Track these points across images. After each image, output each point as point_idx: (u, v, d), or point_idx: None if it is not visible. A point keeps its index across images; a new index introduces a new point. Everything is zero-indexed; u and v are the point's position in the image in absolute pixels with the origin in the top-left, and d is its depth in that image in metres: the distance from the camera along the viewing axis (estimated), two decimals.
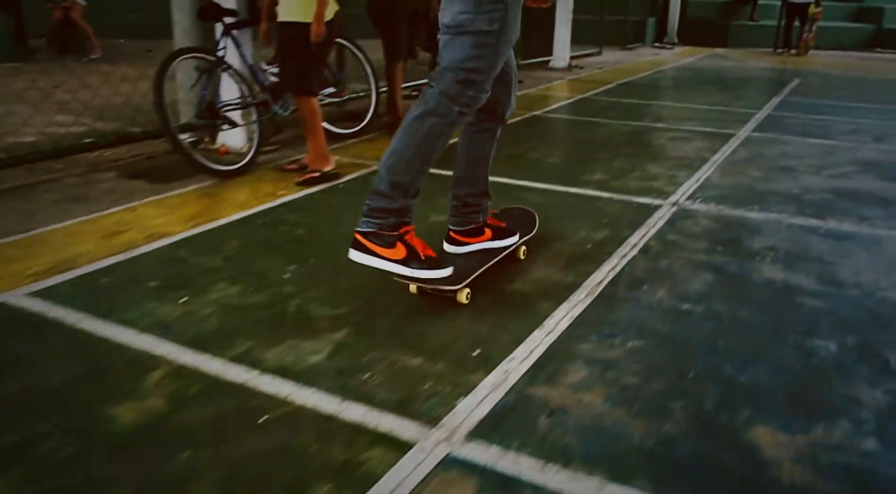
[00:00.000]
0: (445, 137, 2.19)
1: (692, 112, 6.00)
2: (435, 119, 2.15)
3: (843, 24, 13.55)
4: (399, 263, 2.16)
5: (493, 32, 2.09)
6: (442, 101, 2.13)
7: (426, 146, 2.18)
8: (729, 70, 9.27)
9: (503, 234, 2.57)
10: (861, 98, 7.04)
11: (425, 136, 2.17)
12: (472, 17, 2.07)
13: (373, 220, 2.18)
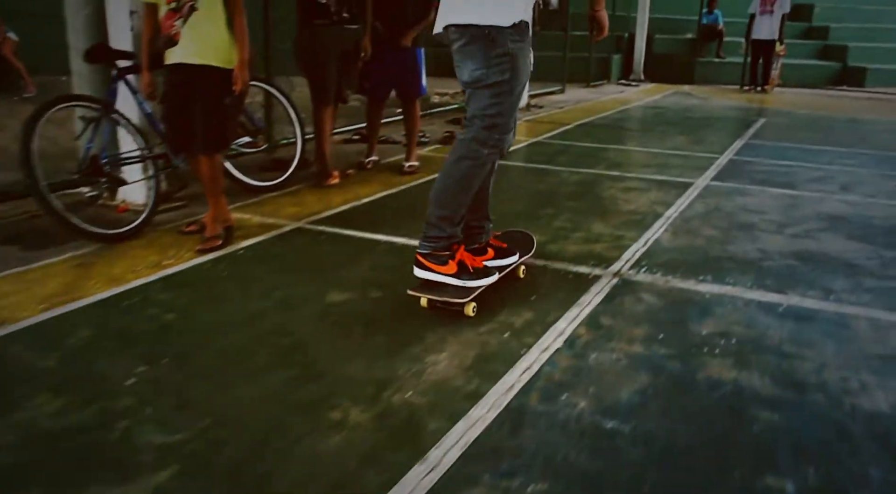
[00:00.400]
0: (479, 176, 2.58)
1: (651, 157, 5.65)
2: (469, 162, 2.53)
3: (808, 62, 13.46)
4: (453, 277, 2.53)
5: (506, 81, 2.45)
6: (473, 146, 2.52)
7: (463, 185, 2.55)
8: (693, 109, 9.01)
9: (504, 254, 2.82)
10: (827, 140, 6.75)
11: (462, 177, 2.54)
12: (485, 71, 2.43)
13: (429, 244, 2.58)
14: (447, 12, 2.51)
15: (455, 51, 2.51)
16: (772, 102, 10.26)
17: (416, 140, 5.13)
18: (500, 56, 2.40)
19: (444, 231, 2.56)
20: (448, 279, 2.53)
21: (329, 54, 4.39)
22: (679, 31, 13.59)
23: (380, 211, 3.97)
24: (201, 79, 3.22)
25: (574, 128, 7.02)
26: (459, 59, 2.50)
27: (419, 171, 4.89)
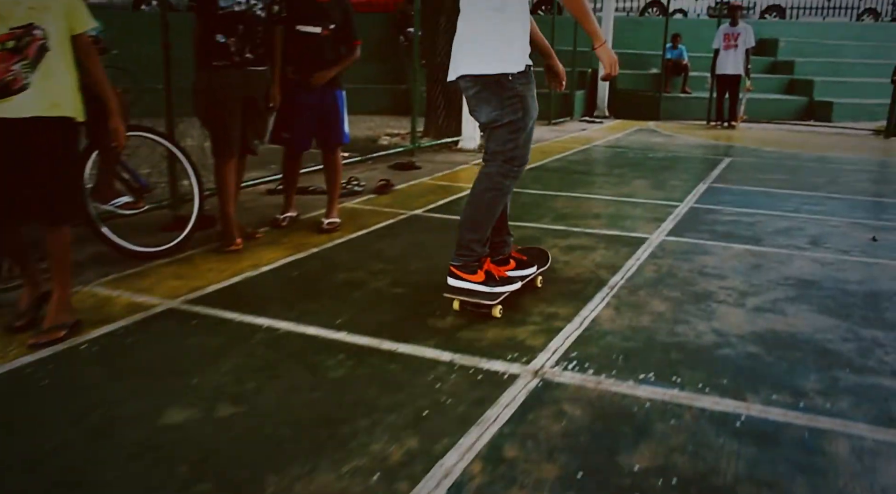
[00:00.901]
0: (503, 202, 2.96)
1: (603, 206, 5.13)
2: (493, 192, 2.89)
3: (775, 97, 13.20)
4: (482, 284, 2.86)
5: (519, 119, 2.81)
6: (496, 179, 2.88)
7: (490, 212, 2.91)
8: (657, 148, 8.58)
9: (524, 265, 3.15)
10: (794, 183, 6.31)
11: (488, 206, 2.90)
12: (500, 113, 2.79)
13: (462, 258, 2.89)
14: (459, 64, 2.86)
15: (470, 97, 2.88)
16: (738, 139, 9.89)
17: (338, 193, 4.57)
18: (511, 98, 2.79)
19: (474, 251, 2.92)
20: (477, 286, 2.88)
21: (230, 100, 3.83)
22: (643, 66, 13.29)
23: (277, 284, 3.38)
24: (48, 134, 2.66)
25: (526, 173, 6.51)
26: (475, 104, 2.87)
27: (340, 229, 4.32)
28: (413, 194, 5.49)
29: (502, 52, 2.76)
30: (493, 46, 2.77)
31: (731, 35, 11.03)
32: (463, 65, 2.85)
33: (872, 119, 12.81)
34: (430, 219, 4.75)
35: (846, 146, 9.50)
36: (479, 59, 2.78)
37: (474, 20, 2.81)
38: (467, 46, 2.84)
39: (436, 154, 7.57)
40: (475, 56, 2.80)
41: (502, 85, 2.76)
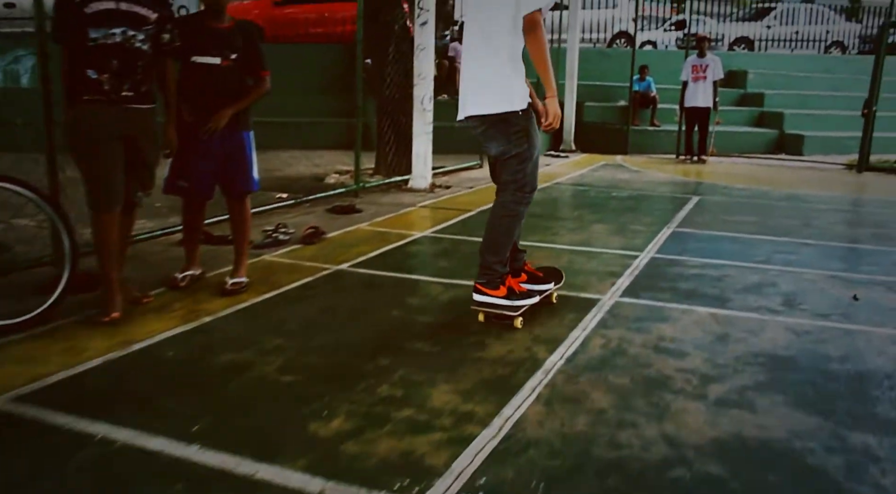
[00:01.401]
0: (519, 225, 3.35)
1: (555, 258, 4.59)
2: (509, 219, 3.28)
3: (745, 129, 12.89)
4: (504, 298, 3.22)
5: (525, 150, 3.16)
6: (511, 206, 3.25)
7: (508, 236, 3.30)
8: (622, 185, 8.11)
9: (538, 281, 3.47)
10: (765, 226, 5.84)
11: (506, 230, 3.28)
12: (507, 146, 3.16)
13: (485, 276, 3.25)
14: (466, 105, 3.18)
15: (479, 134, 3.21)
16: (708, 174, 9.47)
17: (247, 248, 3.98)
18: (517, 133, 3.11)
19: (496, 271, 3.23)
20: (501, 300, 3.20)
21: (104, 141, 3.24)
22: (610, 98, 12.94)
23: (141, 370, 2.77)
24: None
25: (475, 216, 5.98)
26: (484, 140, 3.23)
27: (247, 290, 3.73)
28: (344, 243, 4.91)
29: (507, 93, 3.10)
30: (499, 88, 3.11)
31: (699, 67, 10.70)
32: (471, 106, 3.19)
33: (843, 152, 12.53)
34: (354, 275, 4.16)
35: (818, 181, 9.12)
36: (486, 101, 3.13)
37: (478, 64, 3.17)
38: (474, 88, 3.18)
39: (383, 194, 7.01)
40: (482, 97, 3.14)
41: (508, 122, 3.12)
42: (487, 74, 3.11)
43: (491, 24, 3.09)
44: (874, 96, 10.43)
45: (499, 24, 3.07)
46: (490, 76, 3.10)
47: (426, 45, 7.01)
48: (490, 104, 3.11)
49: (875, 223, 6.10)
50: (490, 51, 3.09)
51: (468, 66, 3.22)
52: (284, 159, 9.61)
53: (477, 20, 3.17)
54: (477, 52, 3.16)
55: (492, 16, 3.10)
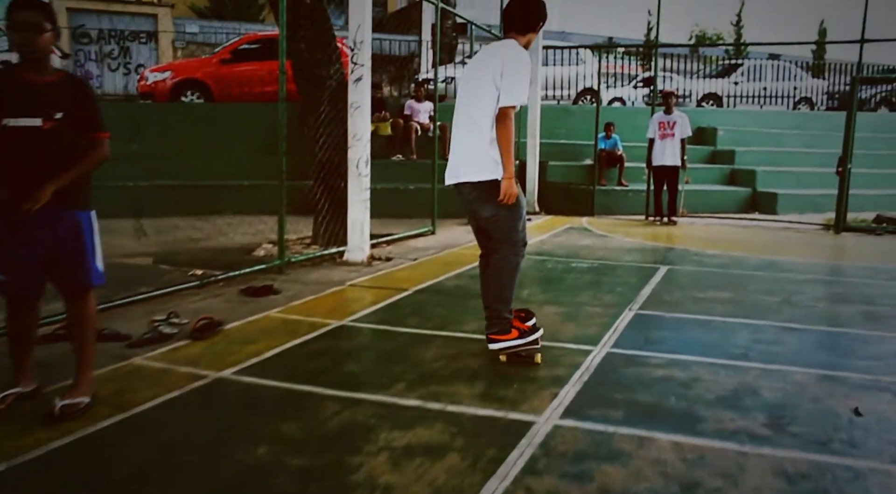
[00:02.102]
0: (517, 276, 3.71)
1: (490, 358, 3.78)
2: (509, 272, 3.66)
3: (716, 188, 12.35)
4: (517, 339, 3.62)
5: (513, 211, 3.59)
6: (507, 261, 3.65)
7: (510, 287, 3.68)
8: (583, 253, 7.38)
9: (526, 334, 3.69)
10: (742, 305, 5.11)
11: (508, 283, 3.66)
12: (497, 210, 3.56)
13: (496, 326, 3.65)
14: (458, 172, 3.66)
15: (472, 200, 3.65)
16: (678, 238, 8.80)
17: (88, 358, 3.12)
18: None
19: (505, 318, 3.65)
20: (517, 341, 3.63)
21: None
22: (576, 157, 12.38)
23: None
24: None
25: (410, 297, 5.18)
26: (477, 204, 3.64)
27: (85, 414, 2.87)
28: (242, 338, 4.07)
29: (493, 164, 3.51)
30: (486, 161, 3.52)
31: (666, 123, 10.17)
32: (464, 174, 3.61)
33: (818, 210, 12.00)
34: (234, 386, 3.31)
35: (796, 245, 8.47)
36: (477, 171, 3.54)
37: (467, 142, 3.60)
38: (466, 161, 3.61)
39: (312, 269, 6.20)
40: (474, 168, 3.56)
41: (497, 187, 3.50)
42: (476, 151, 3.57)
43: (477, 111, 3.58)
44: (848, 154, 9.92)
45: (484, 112, 3.55)
46: (478, 152, 3.56)
47: (361, 104, 6.33)
48: (481, 173, 3.55)
49: (864, 298, 5.39)
50: (476, 131, 3.57)
51: (458, 143, 3.70)
52: (220, 226, 8.81)
53: (467, 105, 3.67)
54: (466, 132, 3.64)
55: (479, 105, 3.58)
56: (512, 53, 3.56)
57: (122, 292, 4.95)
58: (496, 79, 3.50)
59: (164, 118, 11.35)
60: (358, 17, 6.21)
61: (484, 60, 3.69)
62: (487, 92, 3.52)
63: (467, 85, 3.74)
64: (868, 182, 12.52)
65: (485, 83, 3.54)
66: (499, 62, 3.53)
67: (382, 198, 10.26)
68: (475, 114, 3.58)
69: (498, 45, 3.79)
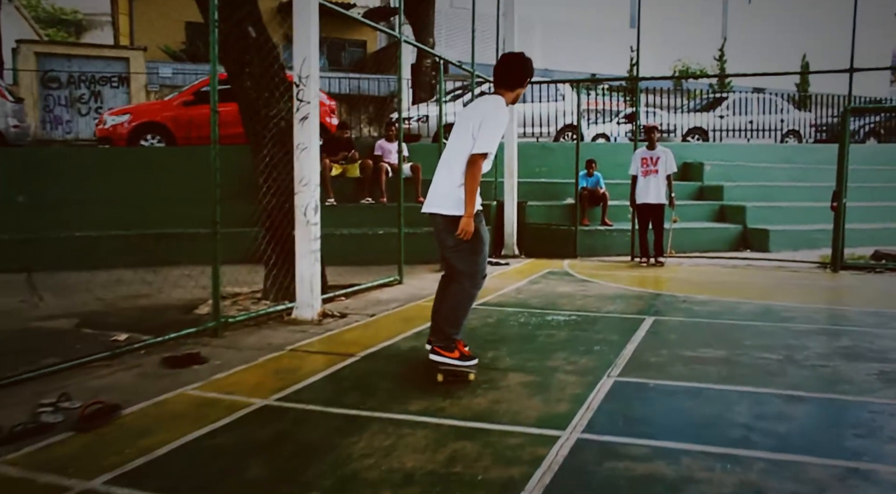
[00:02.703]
0: (471, 304, 4.13)
1: (431, 450, 3.07)
2: (462, 302, 4.07)
3: (705, 225, 11.77)
4: (456, 360, 4.01)
5: (475, 245, 4.02)
6: (469, 290, 4.06)
7: (464, 312, 4.10)
8: (561, 304, 6.71)
9: (466, 359, 4.09)
10: (739, 366, 4.45)
11: (460, 309, 4.07)
12: (460, 242, 3.97)
13: (443, 342, 4.02)
14: (432, 204, 4.07)
15: (441, 229, 4.05)
16: (666, 282, 8.16)
17: None
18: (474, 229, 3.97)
19: (452, 338, 4.04)
20: (455, 361, 4.02)
21: None
22: (556, 196, 11.81)
23: None
24: None
25: (355, 366, 4.48)
26: (444, 235, 4.04)
27: None
28: (138, 428, 3.35)
29: (460, 202, 3.95)
30: (455, 199, 3.97)
31: (649, 159, 9.63)
32: (436, 207, 4.05)
33: (813, 246, 11.45)
34: None
35: (792, 287, 7.83)
36: (446, 205, 4.00)
37: (442, 181, 4.06)
38: (440, 195, 4.05)
39: (254, 330, 5.49)
40: (445, 202, 4.01)
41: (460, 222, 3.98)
42: (448, 189, 3.99)
43: (455, 156, 4.01)
44: (843, 187, 9.36)
45: (459, 157, 3.97)
46: (450, 190, 3.99)
47: (308, 145, 5.71)
48: (449, 208, 3.98)
49: (877, 353, 4.73)
50: (450, 173, 4.01)
51: (437, 178, 4.10)
52: (174, 279, 8.08)
53: (449, 149, 4.08)
54: (444, 170, 4.07)
55: (457, 150, 4.01)
56: (492, 109, 3.99)
57: (24, 365, 4.25)
58: (474, 130, 3.94)
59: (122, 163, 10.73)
60: (303, 50, 5.63)
61: (471, 112, 4.12)
62: (465, 140, 3.98)
63: (455, 131, 4.13)
64: (862, 216, 11.99)
65: (465, 132, 4.00)
66: (479, 115, 3.99)
67: (350, 243, 9.66)
68: (452, 158, 4.05)
69: (485, 99, 4.14)
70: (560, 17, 29.69)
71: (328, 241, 9.95)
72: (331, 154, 10.42)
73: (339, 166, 10.62)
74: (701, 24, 32.35)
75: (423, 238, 9.59)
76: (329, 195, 10.12)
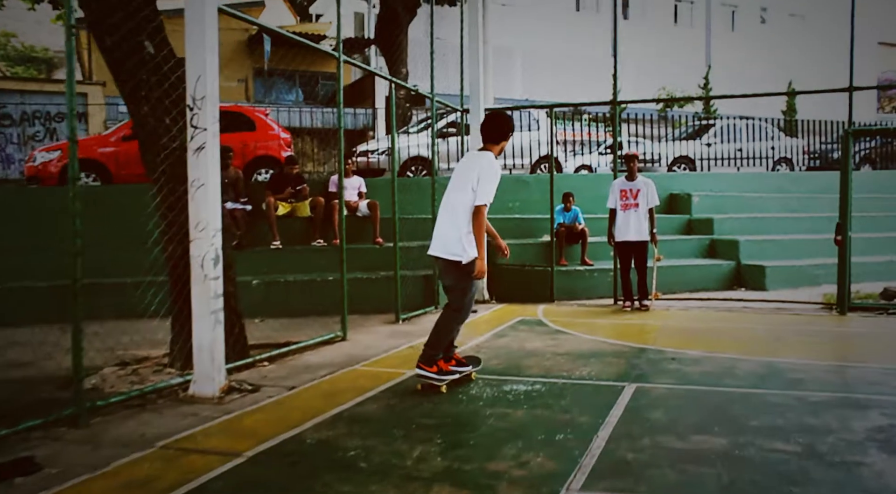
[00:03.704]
0: (455, 333, 4.91)
1: None
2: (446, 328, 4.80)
3: (695, 262, 10.73)
4: (435, 374, 4.72)
5: (468, 285, 4.73)
6: (450, 318, 4.80)
7: (446, 338, 4.82)
8: (526, 365, 5.61)
9: (461, 364, 4.98)
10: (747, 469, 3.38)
11: (445, 335, 4.81)
12: (456, 281, 4.71)
13: (426, 359, 4.73)
14: (438, 248, 4.73)
15: (441, 270, 4.82)
16: (651, 333, 7.08)
17: None
18: (463, 275, 4.65)
19: (433, 357, 4.75)
20: (432, 374, 4.71)
21: None
22: (531, 233, 10.77)
23: None
24: None
25: (236, 472, 3.36)
26: (444, 275, 4.81)
27: None
28: None
29: (461, 250, 4.59)
30: (458, 246, 4.60)
31: (628, 191, 8.64)
32: (439, 251, 4.71)
33: (812, 283, 10.45)
34: None
35: (797, 336, 6.77)
36: (450, 251, 4.64)
37: (447, 227, 4.68)
38: (444, 240, 4.69)
39: (136, 413, 4.36)
40: (448, 248, 4.65)
41: (459, 267, 4.63)
42: (451, 235, 4.65)
43: (457, 206, 4.65)
44: (847, 219, 8.38)
45: (463, 207, 4.61)
46: (452, 237, 4.64)
47: (205, 181, 4.64)
48: (450, 253, 4.65)
49: None
50: (454, 222, 4.65)
51: (442, 225, 4.74)
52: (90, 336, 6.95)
53: (451, 199, 4.73)
54: (447, 219, 4.72)
55: (460, 202, 4.63)
56: (486, 165, 4.64)
57: None
58: (473, 184, 4.57)
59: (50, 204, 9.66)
60: (197, 66, 4.61)
61: (466, 167, 4.77)
62: (466, 194, 4.59)
63: (453, 183, 4.77)
64: (864, 248, 10.95)
65: (465, 185, 4.61)
66: (476, 171, 4.62)
67: (297, 291, 8.52)
68: (457, 208, 4.64)
69: (478, 156, 4.80)
70: (543, 48, 29.06)
71: (272, 289, 8.88)
72: (277, 191, 9.36)
73: (287, 204, 9.55)
74: (684, 54, 31.84)
75: (380, 284, 8.53)
76: (275, 237, 9.05)
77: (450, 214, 4.66)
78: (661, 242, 9.11)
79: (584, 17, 30.78)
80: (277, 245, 8.99)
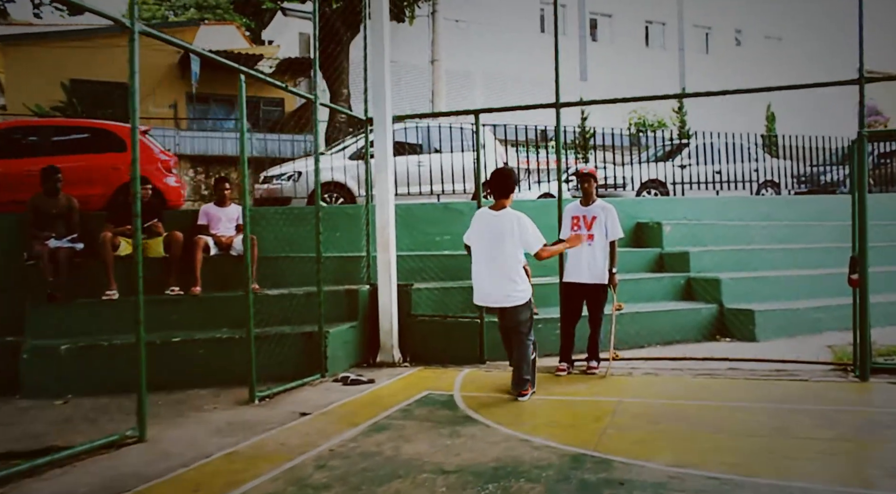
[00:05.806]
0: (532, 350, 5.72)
1: None
2: (529, 353, 5.62)
3: (667, 307, 8.59)
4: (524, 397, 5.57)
5: (531, 317, 5.67)
6: (529, 344, 5.63)
7: (529, 358, 5.61)
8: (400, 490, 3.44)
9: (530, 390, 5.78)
10: None
11: (529, 356, 5.61)
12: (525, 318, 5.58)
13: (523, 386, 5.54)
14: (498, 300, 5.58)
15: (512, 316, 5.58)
16: (600, 423, 4.90)
17: None
18: (527, 307, 5.59)
19: (528, 380, 5.59)
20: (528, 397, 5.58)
21: None
22: (457, 274, 8.54)
23: None
24: None
25: None
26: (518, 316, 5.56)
27: None
28: None
29: (521, 292, 5.51)
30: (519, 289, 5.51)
31: (581, 219, 6.59)
32: (503, 301, 5.55)
33: (812, 330, 8.42)
34: None
35: (807, 427, 4.61)
36: (514, 298, 5.50)
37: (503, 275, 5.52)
38: (504, 291, 5.52)
39: None
40: (511, 297, 5.50)
41: (526, 305, 5.55)
42: (509, 286, 5.49)
43: (507, 259, 5.50)
44: (865, 251, 6.32)
45: (513, 258, 5.54)
46: (512, 288, 5.48)
47: None
48: (516, 300, 5.48)
49: None
50: (509, 274, 5.51)
51: (492, 281, 5.57)
52: None
53: (495, 256, 5.55)
54: (500, 273, 5.52)
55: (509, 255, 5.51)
56: (517, 218, 5.54)
57: None
58: (517, 237, 5.49)
59: None
60: None
61: (497, 228, 5.56)
62: (516, 246, 5.50)
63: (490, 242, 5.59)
64: (873, 285, 8.93)
65: (507, 241, 5.49)
66: (515, 226, 5.50)
67: (124, 358, 6.20)
68: (508, 262, 5.51)
69: (503, 215, 5.60)
70: (506, 71, 27.33)
71: (91, 357, 6.15)
72: (118, 223, 7.16)
73: (130, 242, 7.34)
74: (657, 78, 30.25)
75: (249, 345, 6.32)
76: (110, 285, 6.82)
77: (500, 269, 5.49)
78: (625, 282, 7.04)
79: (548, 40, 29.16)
80: (112, 295, 6.76)
